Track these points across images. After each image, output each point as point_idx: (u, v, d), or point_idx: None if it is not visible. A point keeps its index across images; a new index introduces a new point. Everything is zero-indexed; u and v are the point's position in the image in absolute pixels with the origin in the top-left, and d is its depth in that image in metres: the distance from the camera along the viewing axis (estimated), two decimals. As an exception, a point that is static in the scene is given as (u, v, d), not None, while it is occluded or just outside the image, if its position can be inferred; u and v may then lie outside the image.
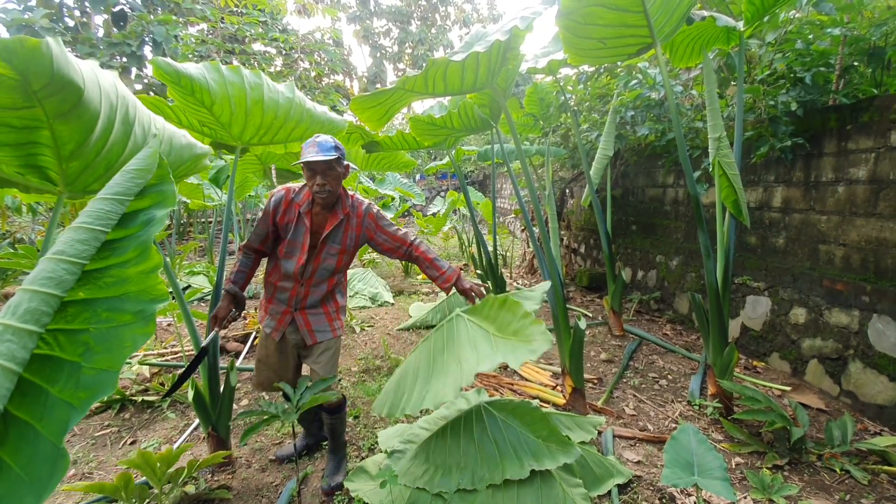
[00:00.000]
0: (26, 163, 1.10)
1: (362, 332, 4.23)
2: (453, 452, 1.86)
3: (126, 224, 0.92)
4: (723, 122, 2.33)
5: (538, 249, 2.58)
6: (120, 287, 0.89)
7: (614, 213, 5.32)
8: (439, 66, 1.83)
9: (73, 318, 0.86)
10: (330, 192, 1.79)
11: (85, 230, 0.87)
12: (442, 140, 3.27)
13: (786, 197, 3.23)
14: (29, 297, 0.82)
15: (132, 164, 0.95)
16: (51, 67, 0.90)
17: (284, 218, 1.89)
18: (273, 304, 1.98)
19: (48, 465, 0.78)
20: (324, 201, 1.82)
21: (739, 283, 3.62)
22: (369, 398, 2.85)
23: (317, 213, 1.90)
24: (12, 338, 0.80)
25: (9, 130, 0.98)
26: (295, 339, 1.99)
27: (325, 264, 1.92)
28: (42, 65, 0.90)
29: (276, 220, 1.89)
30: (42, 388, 0.83)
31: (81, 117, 1.01)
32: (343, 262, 1.97)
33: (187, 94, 1.87)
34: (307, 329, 1.96)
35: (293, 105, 2.08)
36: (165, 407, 2.81)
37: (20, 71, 0.90)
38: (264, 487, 2.06)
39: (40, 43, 0.86)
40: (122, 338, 0.86)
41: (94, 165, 1.22)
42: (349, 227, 1.93)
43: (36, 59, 0.89)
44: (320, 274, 1.93)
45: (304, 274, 1.91)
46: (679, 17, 2.02)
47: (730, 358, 2.49)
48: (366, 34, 21.35)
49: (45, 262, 0.84)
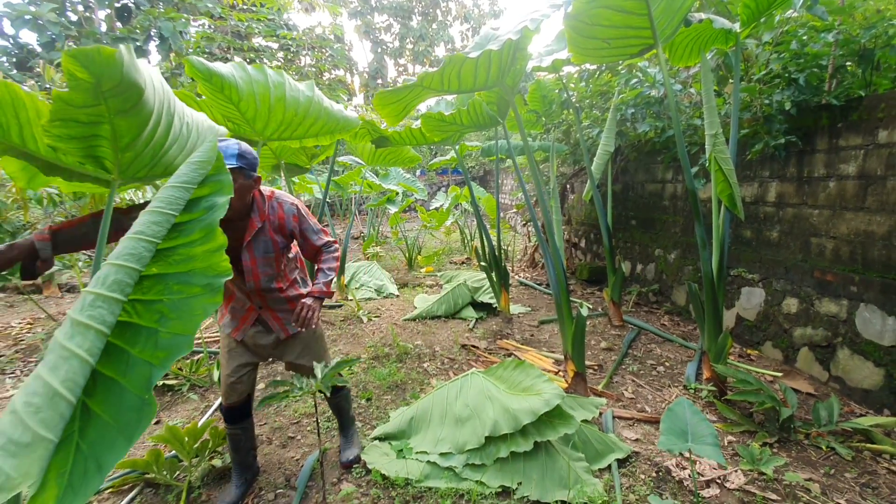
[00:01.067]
0: (87, 153, 1.22)
1: (370, 321, 4.36)
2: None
3: (191, 209, 1.05)
4: (719, 119, 2.45)
5: (542, 241, 2.71)
6: (188, 264, 1.02)
7: (615, 208, 5.45)
8: (455, 63, 1.95)
9: (149, 289, 0.99)
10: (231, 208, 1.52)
11: (158, 213, 1.00)
12: (451, 136, 3.39)
13: (780, 192, 3.36)
14: (115, 270, 0.95)
15: (195, 157, 1.07)
16: (121, 72, 1.03)
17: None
18: (233, 301, 1.89)
19: (135, 413, 0.91)
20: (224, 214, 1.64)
21: (735, 275, 3.76)
22: (380, 382, 2.99)
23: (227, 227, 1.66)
24: (102, 304, 0.93)
25: (77, 125, 1.10)
26: (266, 340, 1.90)
27: (264, 273, 1.81)
28: (114, 70, 1.02)
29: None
30: (124, 349, 0.96)
31: (139, 114, 1.14)
32: (283, 263, 1.89)
33: (217, 91, 1.99)
34: (279, 325, 1.91)
35: (312, 103, 2.21)
36: (186, 390, 2.95)
37: (95, 75, 1.02)
38: (286, 461, 2.20)
39: (115, 51, 0.99)
40: (193, 307, 0.99)
41: (143, 155, 1.34)
42: (273, 231, 1.80)
43: (110, 66, 1.01)
44: (265, 281, 1.83)
45: (247, 285, 1.81)
46: (679, 20, 2.15)
47: (724, 344, 2.63)
48: (367, 30, 21.39)
49: (126, 241, 0.97)
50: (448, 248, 8.68)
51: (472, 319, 4.29)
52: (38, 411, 0.81)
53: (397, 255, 7.98)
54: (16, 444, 0.78)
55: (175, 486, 1.97)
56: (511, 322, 4.24)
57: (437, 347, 3.62)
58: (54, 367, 0.85)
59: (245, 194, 1.68)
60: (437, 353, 3.50)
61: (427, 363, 3.33)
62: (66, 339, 0.87)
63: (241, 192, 1.65)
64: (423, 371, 3.19)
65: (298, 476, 2.06)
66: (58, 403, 0.83)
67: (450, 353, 3.51)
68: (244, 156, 1.62)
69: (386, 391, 2.89)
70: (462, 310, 4.49)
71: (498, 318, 4.37)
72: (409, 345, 3.62)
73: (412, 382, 3.00)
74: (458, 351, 3.55)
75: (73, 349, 0.86)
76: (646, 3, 1.91)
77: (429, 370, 3.21)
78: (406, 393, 2.86)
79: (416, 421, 2.26)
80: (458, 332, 3.98)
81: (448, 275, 5.89)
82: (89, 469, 0.84)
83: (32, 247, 1.31)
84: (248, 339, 1.91)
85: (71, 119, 1.14)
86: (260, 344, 1.91)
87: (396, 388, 2.93)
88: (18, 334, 4.07)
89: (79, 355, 0.87)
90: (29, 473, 0.78)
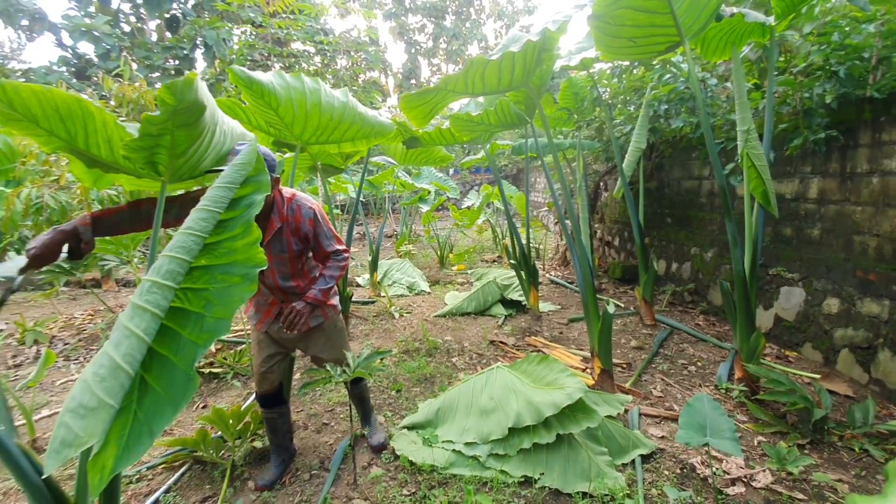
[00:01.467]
0: (147, 160, 1.37)
1: (401, 317, 4.48)
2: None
3: (234, 207, 1.17)
4: (752, 115, 2.41)
5: (569, 239, 2.73)
6: (230, 256, 1.13)
7: (649, 206, 5.35)
8: (478, 66, 2.01)
9: (198, 279, 1.12)
10: None
11: (206, 211, 1.12)
12: (480, 135, 3.45)
13: (822, 188, 3.24)
14: (168, 260, 1.07)
15: (238, 159, 1.19)
16: (196, 94, 1.16)
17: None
18: (258, 296, 1.98)
19: (182, 386, 1.03)
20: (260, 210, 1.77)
21: (774, 273, 3.64)
22: (409, 375, 3.09)
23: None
24: (158, 291, 1.06)
25: (148, 137, 1.24)
26: (290, 333, 1.94)
27: (279, 271, 1.91)
28: (191, 92, 1.15)
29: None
30: (176, 331, 1.09)
31: (197, 126, 1.27)
32: (300, 263, 1.96)
33: (258, 98, 2.14)
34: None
35: (346, 109, 2.32)
36: (230, 378, 3.14)
37: (177, 98, 1.16)
38: (321, 446, 2.33)
39: (195, 77, 1.12)
40: (233, 295, 1.10)
41: (191, 161, 1.49)
42: (290, 233, 1.88)
43: (188, 89, 1.15)
44: (281, 279, 1.92)
45: (267, 281, 1.91)
46: (708, 16, 2.13)
47: (756, 343, 2.58)
48: (401, 30, 21.65)
49: (179, 236, 1.09)
50: (480, 246, 8.73)
51: (502, 316, 4.34)
52: (102, 381, 0.94)
53: (429, 254, 8.10)
54: (84, 407, 0.91)
55: (220, 464, 2.14)
56: (540, 319, 4.25)
57: (465, 343, 3.70)
58: (117, 344, 0.98)
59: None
60: (465, 349, 3.58)
61: (456, 358, 3.41)
62: (127, 319, 1.01)
63: None
64: (451, 365, 3.27)
65: (332, 459, 2.18)
66: (119, 375, 0.96)
67: (478, 348, 3.58)
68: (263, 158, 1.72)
69: (415, 384, 2.99)
70: (491, 307, 4.54)
71: (527, 315, 4.39)
72: (439, 340, 3.71)
73: (440, 376, 3.09)
74: (487, 347, 3.61)
75: (133, 329, 0.99)
76: (668, 3, 1.91)
77: (457, 365, 3.29)
78: (434, 386, 2.95)
79: (443, 412, 2.34)
80: (487, 328, 4.04)
81: (478, 272, 5.95)
82: (143, 433, 0.96)
83: (76, 230, 1.45)
84: (272, 332, 2.00)
85: (148, 134, 1.28)
86: (284, 337, 2.01)
87: (425, 381, 3.02)
88: (81, 324, 4.43)
89: (137, 334, 0.99)
90: (94, 433, 0.91)
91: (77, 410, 0.90)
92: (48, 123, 1.26)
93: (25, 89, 1.17)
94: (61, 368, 3.44)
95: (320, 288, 1.88)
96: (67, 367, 3.49)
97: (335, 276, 1.92)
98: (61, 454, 0.86)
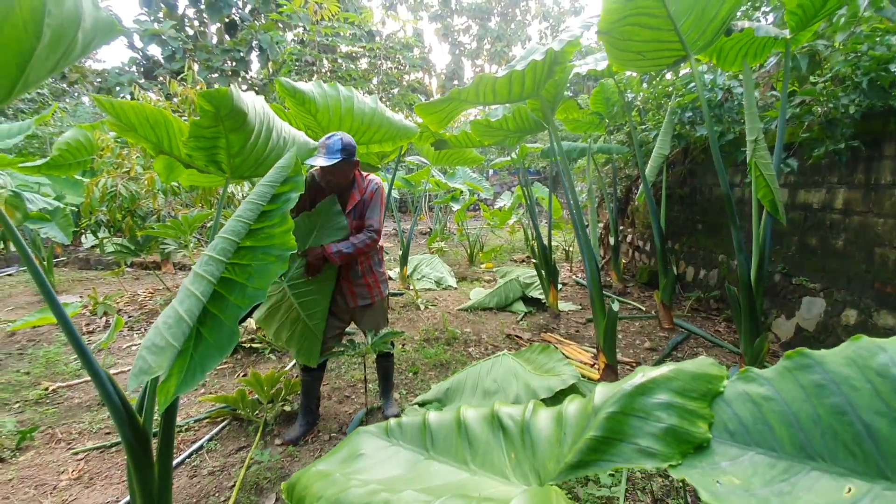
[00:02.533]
0: (210, 159, 1.68)
1: (426, 309, 4.75)
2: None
3: (274, 201, 1.45)
4: (761, 125, 2.49)
5: (578, 238, 2.89)
6: (269, 240, 1.41)
7: (681, 212, 5.37)
8: (487, 82, 2.24)
9: (243, 256, 1.41)
10: (336, 184, 2.17)
11: (252, 203, 1.41)
12: (501, 140, 3.64)
13: (847, 199, 3.23)
14: (222, 240, 1.37)
15: (280, 163, 1.47)
16: (232, 102, 1.46)
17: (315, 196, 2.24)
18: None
19: (227, 338, 1.32)
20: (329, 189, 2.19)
21: (796, 283, 3.64)
22: (427, 360, 3.35)
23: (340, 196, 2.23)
24: (213, 263, 1.35)
25: (203, 140, 1.56)
26: (342, 307, 2.33)
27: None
28: (227, 101, 1.45)
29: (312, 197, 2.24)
30: (224, 295, 1.38)
31: (245, 130, 1.57)
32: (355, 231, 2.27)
33: (299, 105, 2.45)
34: (350, 295, 2.33)
35: (375, 114, 2.60)
36: (267, 353, 3.51)
37: (215, 106, 1.45)
38: (340, 414, 2.63)
39: (228, 90, 1.41)
40: (270, 270, 1.38)
41: (248, 160, 1.79)
42: (360, 205, 2.25)
43: (224, 99, 1.44)
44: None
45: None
46: (714, 31, 2.24)
47: (760, 347, 2.66)
48: (446, 32, 21.97)
49: (232, 221, 1.39)
50: (511, 246, 8.88)
51: (521, 313, 4.52)
52: (169, 328, 1.24)
53: (460, 251, 8.33)
54: (156, 346, 1.21)
55: (254, 422, 2.47)
56: (558, 318, 4.41)
57: (483, 335, 3.91)
58: (181, 301, 1.27)
59: (348, 173, 2.17)
60: (482, 340, 3.79)
61: (472, 348, 3.64)
62: (189, 283, 1.30)
63: (346, 172, 2.16)
64: (467, 354, 3.50)
65: (349, 425, 2.47)
66: (181, 324, 1.25)
67: (494, 341, 3.79)
68: (346, 148, 2.08)
69: (431, 368, 3.24)
70: (512, 303, 4.73)
71: (546, 313, 4.55)
72: (458, 331, 3.94)
73: (455, 363, 3.32)
74: (503, 340, 3.82)
75: (193, 290, 1.29)
76: (671, 20, 2.05)
77: (472, 354, 3.52)
78: (449, 371, 3.19)
79: (451, 392, 2.58)
80: (506, 323, 4.24)
81: (504, 270, 6.13)
82: (196, 370, 1.25)
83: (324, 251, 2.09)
84: (335, 308, 2.31)
85: (200, 136, 1.59)
86: (340, 308, 2.34)
87: (441, 367, 3.26)
88: (143, 301, 4.97)
89: (196, 295, 1.29)
90: (162, 366, 1.21)
91: (151, 348, 1.20)
92: (143, 130, 1.61)
93: (126, 105, 1.51)
94: (125, 336, 3.93)
95: (338, 248, 2.14)
96: (131, 335, 3.97)
97: (356, 246, 2.18)
98: (139, 378, 1.16)
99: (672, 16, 2.10)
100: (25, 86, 1.10)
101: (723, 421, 0.63)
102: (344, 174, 2.15)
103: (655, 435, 0.62)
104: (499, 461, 0.75)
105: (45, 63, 1.07)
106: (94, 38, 1.13)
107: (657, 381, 0.68)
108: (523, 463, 0.73)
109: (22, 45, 1.00)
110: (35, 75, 1.09)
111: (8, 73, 1.04)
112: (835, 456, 0.52)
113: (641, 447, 0.62)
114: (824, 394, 0.56)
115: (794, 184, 3.74)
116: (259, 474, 2.06)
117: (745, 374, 0.68)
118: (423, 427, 0.94)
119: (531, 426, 0.77)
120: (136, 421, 1.40)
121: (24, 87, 1.10)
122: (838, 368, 0.57)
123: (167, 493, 1.52)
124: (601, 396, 0.71)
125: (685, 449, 0.61)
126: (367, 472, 0.80)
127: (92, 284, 5.72)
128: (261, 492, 1.98)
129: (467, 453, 0.80)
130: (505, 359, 2.55)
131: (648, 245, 6.55)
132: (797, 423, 0.57)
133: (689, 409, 0.64)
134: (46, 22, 0.99)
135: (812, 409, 0.56)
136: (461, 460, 0.79)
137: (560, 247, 7.74)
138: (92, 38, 1.12)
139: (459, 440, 0.83)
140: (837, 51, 3.00)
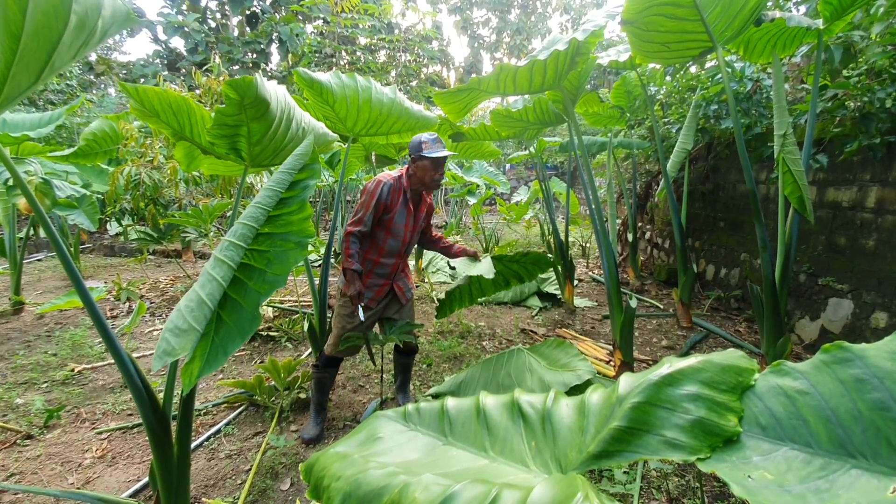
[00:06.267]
0: (231, 147, 1.70)
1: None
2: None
3: (292, 188, 1.45)
4: (790, 119, 2.41)
5: (597, 234, 2.85)
6: (288, 227, 1.42)
7: (702, 209, 5.26)
8: (508, 70, 2.20)
9: (262, 243, 1.41)
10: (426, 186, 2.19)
11: (271, 190, 1.41)
12: (520, 132, 3.60)
13: (880, 197, 3.12)
14: (242, 227, 1.38)
15: (298, 150, 1.47)
16: (256, 91, 1.46)
17: (393, 204, 2.18)
18: (371, 278, 2.26)
19: (248, 322, 1.32)
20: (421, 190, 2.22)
21: (823, 284, 3.54)
22: (441, 352, 3.35)
23: (412, 199, 2.25)
24: (233, 249, 1.36)
25: (226, 128, 1.57)
26: (384, 304, 2.34)
27: (414, 240, 2.37)
28: (252, 90, 1.45)
29: (387, 205, 2.16)
30: (244, 281, 1.39)
31: (266, 119, 1.57)
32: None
33: (317, 95, 2.45)
34: (401, 293, 2.36)
35: (394, 104, 2.59)
36: (284, 341, 3.55)
37: (240, 94, 1.46)
38: (355, 403, 2.64)
39: (254, 78, 1.42)
40: (289, 257, 1.39)
41: (267, 148, 1.80)
42: (426, 212, 2.34)
43: (249, 87, 1.45)
44: (409, 248, 2.34)
45: (406, 250, 2.31)
46: (742, 22, 2.17)
47: (783, 348, 2.59)
48: (465, 25, 21.81)
49: (251, 208, 1.39)
50: (527, 241, 8.82)
51: (536, 308, 4.49)
52: (192, 311, 1.26)
53: (476, 245, 8.31)
54: (179, 329, 1.23)
55: (271, 408, 2.50)
56: (574, 314, 4.36)
57: (498, 329, 3.90)
58: (202, 285, 1.29)
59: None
60: (496, 334, 3.78)
61: (486, 342, 3.63)
62: (210, 268, 1.32)
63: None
64: (481, 347, 3.49)
65: (363, 414, 2.48)
66: (203, 308, 1.27)
67: (509, 335, 3.77)
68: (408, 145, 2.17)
69: (445, 360, 3.24)
70: (528, 298, 4.70)
71: (561, 308, 4.51)
72: (473, 325, 3.94)
73: (469, 356, 3.32)
74: (517, 334, 3.80)
75: (214, 275, 1.30)
76: (697, 10, 1.99)
77: (486, 347, 3.51)
78: (462, 364, 3.18)
79: (465, 384, 2.57)
80: (521, 317, 4.21)
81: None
82: (219, 353, 1.27)
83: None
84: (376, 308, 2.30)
85: (223, 123, 1.61)
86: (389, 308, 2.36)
87: (455, 359, 3.26)
88: (164, 288, 5.07)
89: (217, 279, 1.30)
90: (185, 348, 1.22)
91: (174, 330, 1.22)
92: (166, 116, 1.62)
93: (150, 91, 1.52)
94: (147, 322, 4.02)
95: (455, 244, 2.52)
96: (153, 321, 4.06)
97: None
98: (162, 359, 1.18)
99: (699, 5, 2.04)
100: (52, 71, 1.12)
101: (753, 415, 0.61)
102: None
103: (682, 427, 0.61)
104: (518, 449, 0.74)
105: (69, 49, 1.09)
106: (112, 26, 1.15)
107: (685, 371, 0.66)
108: (544, 451, 0.72)
109: (51, 31, 1.02)
110: (60, 61, 1.11)
111: (39, 57, 1.06)
112: (877, 454, 0.49)
113: (668, 439, 0.61)
114: (865, 389, 0.54)
115: (822, 181, 3.62)
116: (275, 459, 2.09)
117: (778, 368, 0.66)
118: (441, 413, 0.94)
119: (552, 414, 0.76)
120: (156, 403, 1.43)
121: (50, 73, 1.13)
122: (882, 363, 0.54)
123: (186, 474, 1.54)
124: (626, 386, 0.70)
125: (714, 442, 0.59)
126: (385, 455, 0.80)
127: (116, 271, 5.87)
128: (276, 476, 2.01)
129: (486, 440, 0.79)
130: (520, 353, 2.53)
131: (667, 242, 6.43)
132: (835, 418, 0.55)
133: (718, 401, 0.62)
134: (74, 9, 1.01)
135: (852, 405, 0.54)
136: (480, 447, 0.79)
137: (577, 242, 7.66)
138: (110, 26, 1.14)
139: (478, 427, 0.83)
140: (874, 42, 2.88)
